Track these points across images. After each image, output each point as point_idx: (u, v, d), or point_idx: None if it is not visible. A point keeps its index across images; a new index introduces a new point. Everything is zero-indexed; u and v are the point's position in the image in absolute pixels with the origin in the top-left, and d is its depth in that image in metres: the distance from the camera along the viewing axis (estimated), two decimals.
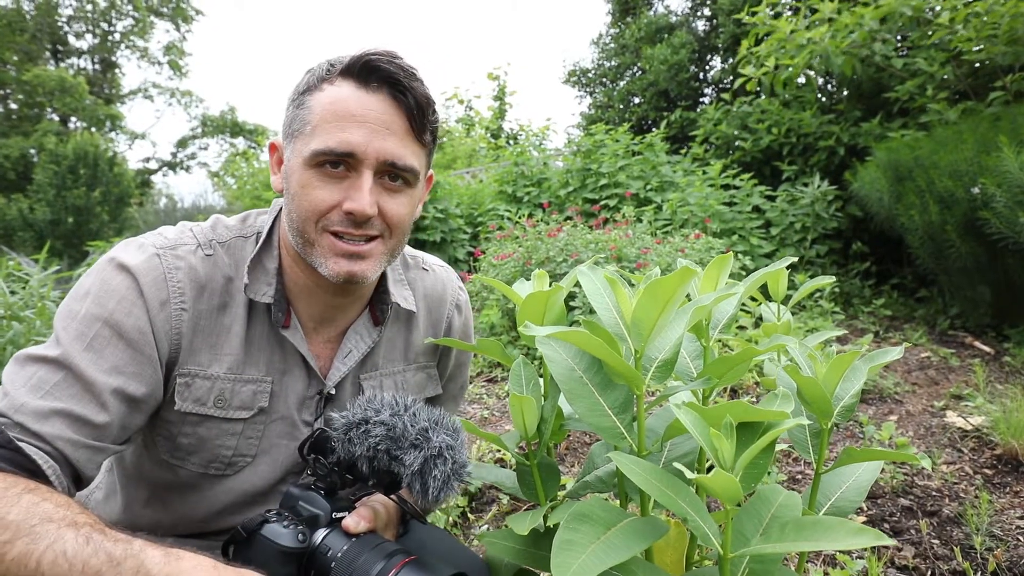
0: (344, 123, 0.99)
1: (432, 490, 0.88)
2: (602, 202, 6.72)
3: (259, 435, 1.11)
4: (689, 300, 0.98)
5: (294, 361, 1.12)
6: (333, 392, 1.15)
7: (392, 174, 1.04)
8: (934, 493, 2.28)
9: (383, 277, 1.19)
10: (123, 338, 0.96)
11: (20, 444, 0.85)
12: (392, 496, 1.01)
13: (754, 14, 6.65)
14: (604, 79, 12.82)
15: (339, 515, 0.94)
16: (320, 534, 0.91)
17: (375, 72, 1.01)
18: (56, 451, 0.88)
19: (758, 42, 6.69)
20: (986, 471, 2.44)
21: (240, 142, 32.12)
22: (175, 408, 1.04)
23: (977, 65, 5.91)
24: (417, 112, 1.03)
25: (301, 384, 1.13)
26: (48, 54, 28.15)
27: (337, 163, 1.00)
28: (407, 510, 1.03)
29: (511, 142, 11.70)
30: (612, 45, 12.75)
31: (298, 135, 1.03)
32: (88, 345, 0.94)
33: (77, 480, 0.92)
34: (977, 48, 5.45)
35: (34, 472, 0.84)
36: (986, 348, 4.25)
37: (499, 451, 2.68)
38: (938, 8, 5.60)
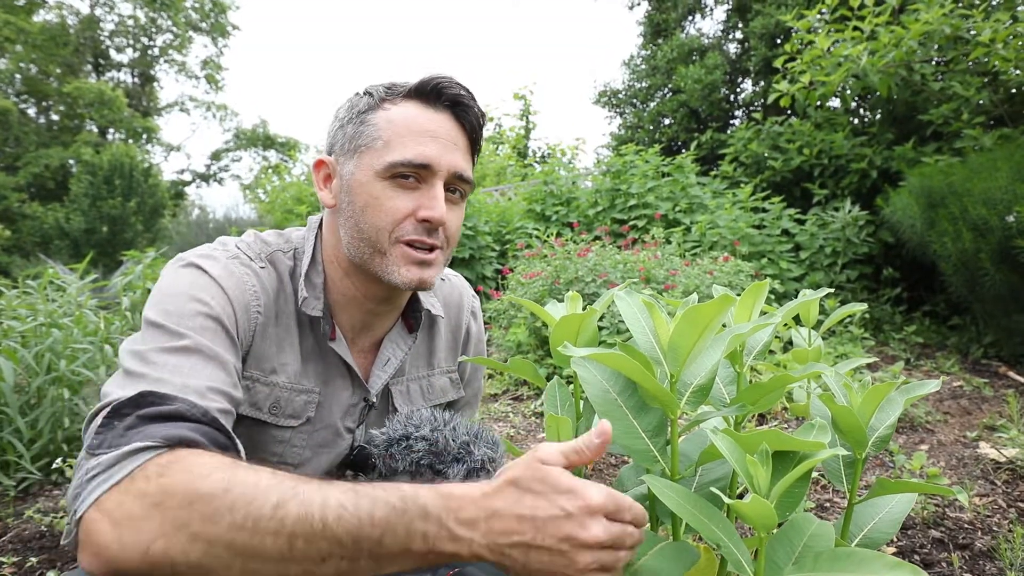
0: (420, 137, 1.07)
1: None
2: (631, 223, 6.71)
3: (303, 444, 1.15)
4: (724, 327, 0.98)
5: (337, 371, 1.17)
6: (375, 400, 1.21)
7: (454, 187, 1.12)
8: (966, 526, 2.24)
9: None
10: (225, 331, 1.00)
11: (219, 417, 0.87)
12: None
13: (802, 17, 6.62)
14: (634, 100, 12.85)
15: None
16: None
17: (442, 94, 1.10)
18: (221, 424, 0.88)
19: (791, 59, 6.66)
20: (1020, 504, 2.39)
21: (272, 155, 32.61)
22: None
23: (1014, 91, 5.84)
24: (477, 131, 1.14)
25: (346, 393, 1.18)
26: (89, 67, 28.87)
27: (410, 175, 1.07)
28: None
29: (538, 162, 11.76)
30: (643, 66, 12.79)
31: (365, 150, 1.08)
32: (201, 333, 0.96)
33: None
34: (1015, 71, 5.39)
35: (225, 447, 0.85)
36: (1020, 378, 4.17)
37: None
38: (976, 29, 5.53)
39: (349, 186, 1.10)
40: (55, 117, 26.91)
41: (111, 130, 27.54)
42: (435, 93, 1.10)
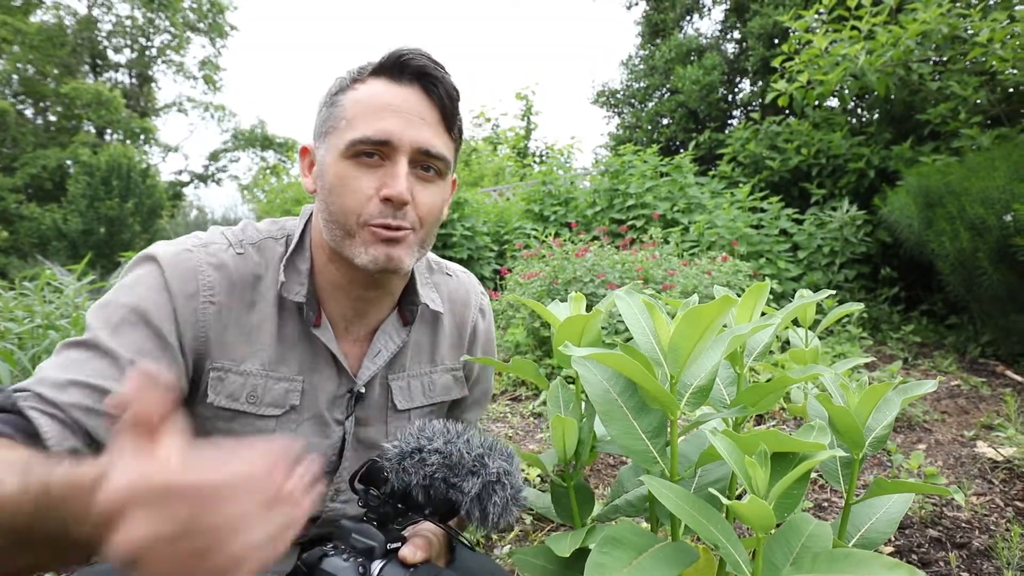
0: (380, 113, 1.04)
1: (492, 516, 0.88)
2: (629, 223, 6.72)
3: (291, 434, 1.13)
4: (725, 328, 0.99)
5: (324, 360, 1.14)
6: (363, 391, 1.18)
7: (425, 164, 1.08)
8: (964, 525, 2.24)
9: (411, 278, 1.22)
10: (148, 325, 0.99)
11: (25, 408, 0.87)
12: (441, 524, 1.02)
13: (799, 17, 6.63)
14: (632, 100, 12.86)
15: (393, 546, 0.94)
16: (376, 566, 0.90)
17: (407, 67, 1.06)
18: (71, 419, 0.90)
19: (790, 58, 6.67)
20: (1018, 503, 2.40)
21: (270, 156, 32.62)
22: (208, 402, 1.07)
23: (1011, 90, 5.85)
24: (448, 103, 1.09)
25: (332, 383, 1.15)
26: (87, 67, 28.84)
27: (372, 153, 1.04)
28: (457, 538, 1.04)
29: (537, 162, 11.78)
30: (641, 67, 12.79)
31: (332, 132, 1.07)
32: (114, 329, 0.98)
33: (97, 447, 0.94)
34: (1012, 71, 5.40)
35: (35, 436, 0.87)
36: (1018, 377, 4.18)
37: (524, 469, 2.69)
38: (973, 28, 5.55)
39: (321, 169, 1.09)
40: (52, 118, 26.89)
41: (109, 131, 27.53)
42: (399, 67, 1.06)
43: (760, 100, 9.45)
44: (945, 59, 6.10)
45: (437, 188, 1.11)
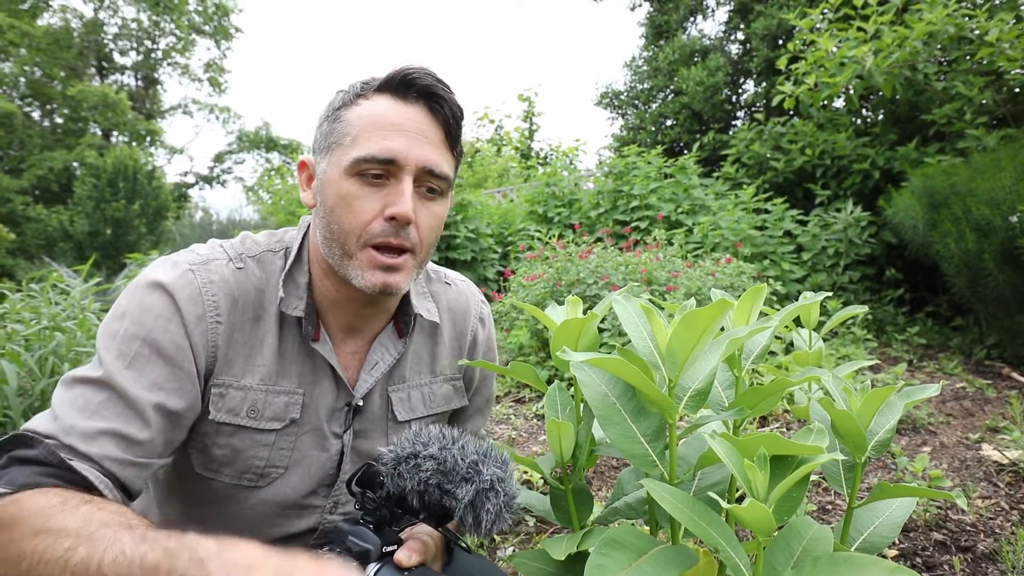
0: (385, 132, 1.03)
1: (485, 523, 0.88)
2: (633, 224, 6.71)
3: (290, 446, 1.13)
4: (723, 331, 0.98)
5: (323, 373, 1.14)
6: (361, 403, 1.18)
7: (429, 184, 1.08)
8: (968, 528, 2.23)
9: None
10: (161, 355, 0.99)
11: (71, 463, 0.89)
12: (437, 527, 1.02)
13: (804, 16, 6.60)
14: (636, 101, 12.85)
15: (389, 549, 0.94)
16: (372, 569, 0.90)
17: (413, 85, 1.06)
18: (104, 470, 0.92)
19: (794, 59, 6.64)
20: (1023, 507, 2.39)
21: (275, 157, 32.67)
22: (209, 418, 1.07)
23: (1017, 91, 5.83)
24: (453, 123, 1.09)
25: (330, 396, 1.15)
26: (93, 70, 28.95)
27: (378, 171, 1.04)
28: (455, 541, 1.04)
29: (541, 164, 11.79)
30: (645, 68, 12.78)
31: (335, 147, 1.06)
32: (129, 364, 0.97)
33: (127, 494, 0.96)
34: (1020, 71, 5.38)
35: (88, 487, 0.89)
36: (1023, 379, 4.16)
37: (526, 472, 2.69)
38: (979, 29, 5.52)
39: (322, 184, 1.09)
40: (59, 120, 26.98)
41: (115, 133, 27.61)
42: (405, 85, 1.06)
43: (764, 101, 9.43)
44: (951, 60, 6.08)
45: (438, 207, 1.11)
